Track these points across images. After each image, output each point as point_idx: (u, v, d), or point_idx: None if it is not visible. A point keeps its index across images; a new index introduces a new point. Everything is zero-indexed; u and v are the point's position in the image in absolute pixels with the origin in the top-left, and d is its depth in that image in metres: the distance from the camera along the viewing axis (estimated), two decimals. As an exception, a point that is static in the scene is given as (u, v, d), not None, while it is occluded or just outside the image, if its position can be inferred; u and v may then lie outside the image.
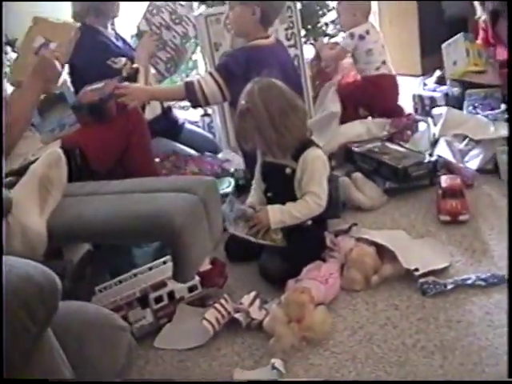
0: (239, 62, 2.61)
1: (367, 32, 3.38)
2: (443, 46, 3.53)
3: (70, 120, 2.54)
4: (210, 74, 2.66)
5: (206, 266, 2.08)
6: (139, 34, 3.09)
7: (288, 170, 2.23)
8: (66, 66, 2.67)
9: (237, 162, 3.06)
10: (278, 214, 2.17)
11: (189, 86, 2.65)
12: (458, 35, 3.46)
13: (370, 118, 3.40)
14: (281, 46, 2.89)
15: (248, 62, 2.58)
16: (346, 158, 3.06)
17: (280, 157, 2.23)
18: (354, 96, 3.42)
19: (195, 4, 3.88)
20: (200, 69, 4.32)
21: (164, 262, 2.10)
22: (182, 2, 3.15)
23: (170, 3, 3.09)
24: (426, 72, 3.92)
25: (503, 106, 3.15)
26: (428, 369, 1.69)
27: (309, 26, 3.90)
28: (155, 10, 3.07)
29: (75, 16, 3.02)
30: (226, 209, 2.20)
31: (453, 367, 1.68)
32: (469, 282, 2.01)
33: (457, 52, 3.42)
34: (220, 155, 3.21)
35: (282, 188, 2.26)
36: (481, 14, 3.44)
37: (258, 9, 2.64)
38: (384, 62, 3.41)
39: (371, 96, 3.38)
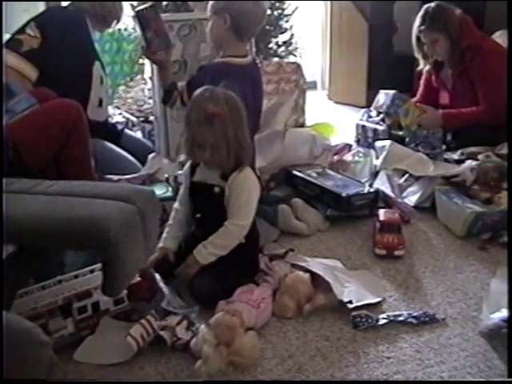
0: (203, 80, 2.37)
1: None
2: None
3: (18, 107, 2.39)
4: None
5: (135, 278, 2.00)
6: None
7: (216, 189, 2.12)
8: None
9: (168, 168, 2.93)
10: (204, 252, 2.08)
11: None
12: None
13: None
14: (255, 68, 2.73)
15: (212, 79, 2.32)
16: (286, 180, 3.03)
17: (212, 175, 2.14)
18: None
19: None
20: (145, 73, 4.25)
21: (91, 271, 2.01)
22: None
23: None
24: (371, 104, 3.95)
25: (444, 146, 3.21)
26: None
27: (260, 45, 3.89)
28: None
29: None
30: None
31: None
32: (401, 318, 2.00)
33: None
34: (149, 159, 3.03)
35: (210, 209, 2.17)
36: (423, 66, 3.53)
37: (228, 17, 2.54)
38: None
39: None
